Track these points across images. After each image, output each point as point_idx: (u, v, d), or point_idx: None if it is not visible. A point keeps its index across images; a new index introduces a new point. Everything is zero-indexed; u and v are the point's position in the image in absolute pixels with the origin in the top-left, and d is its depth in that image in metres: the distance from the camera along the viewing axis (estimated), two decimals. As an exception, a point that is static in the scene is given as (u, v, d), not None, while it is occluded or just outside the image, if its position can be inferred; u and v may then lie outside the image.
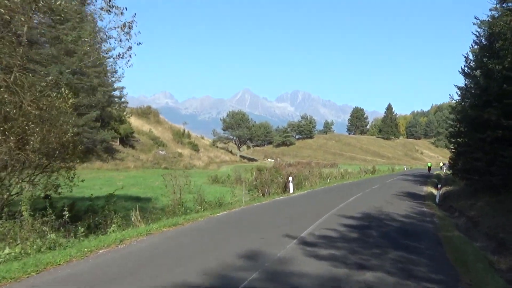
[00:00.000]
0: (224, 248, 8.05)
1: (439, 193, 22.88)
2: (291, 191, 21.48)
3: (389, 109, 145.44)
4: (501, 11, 18.54)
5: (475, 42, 23.66)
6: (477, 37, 23.20)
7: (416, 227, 12.32)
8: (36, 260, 6.43)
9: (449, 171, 40.63)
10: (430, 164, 66.64)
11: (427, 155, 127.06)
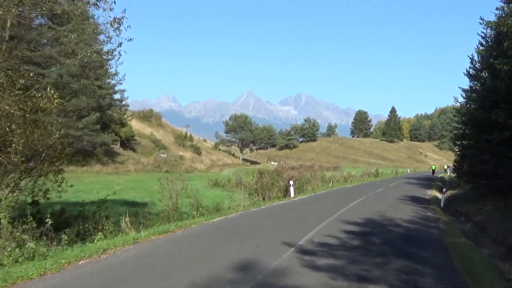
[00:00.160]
0: (215, 257, 7.52)
1: (444, 197, 22.28)
2: (292, 195, 20.91)
3: (392, 112, 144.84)
4: (509, 10, 18.07)
5: (481, 43, 23.17)
6: (483, 37, 22.74)
7: (421, 233, 11.82)
8: (5, 274, 5.86)
9: (453, 174, 40.02)
10: (434, 167, 65.73)
11: (431, 157, 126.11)
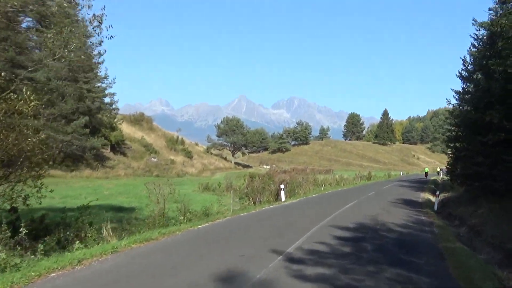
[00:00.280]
0: (198, 268, 7.07)
1: (438, 200, 21.97)
2: (282, 199, 20.48)
3: (385, 114, 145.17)
4: (503, 10, 17.89)
5: (473, 44, 22.99)
6: (475, 39, 22.54)
7: (414, 237, 11.46)
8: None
9: (446, 177, 39.81)
10: (427, 169, 65.55)
11: (423, 160, 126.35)
